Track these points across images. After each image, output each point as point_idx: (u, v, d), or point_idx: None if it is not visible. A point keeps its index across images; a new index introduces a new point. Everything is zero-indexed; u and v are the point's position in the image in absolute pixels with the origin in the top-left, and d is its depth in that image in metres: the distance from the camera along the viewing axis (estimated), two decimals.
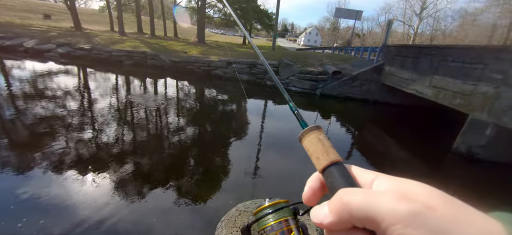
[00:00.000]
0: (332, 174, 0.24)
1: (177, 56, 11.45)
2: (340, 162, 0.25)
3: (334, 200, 0.21)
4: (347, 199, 0.20)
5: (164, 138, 4.64)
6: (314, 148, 0.26)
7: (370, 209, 0.19)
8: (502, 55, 4.59)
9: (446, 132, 5.61)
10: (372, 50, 12.25)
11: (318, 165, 0.25)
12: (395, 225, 0.17)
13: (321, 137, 0.27)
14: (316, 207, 0.23)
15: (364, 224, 0.19)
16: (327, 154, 0.25)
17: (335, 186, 0.23)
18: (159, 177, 3.39)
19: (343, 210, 0.20)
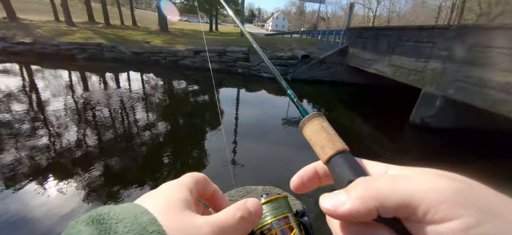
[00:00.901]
0: (340, 163, 0.22)
1: (138, 47, 10.58)
2: (347, 150, 0.23)
3: (354, 186, 0.19)
4: (375, 184, 0.18)
5: (134, 136, 4.34)
6: (317, 136, 0.24)
7: (406, 193, 0.16)
8: (447, 33, 5.13)
9: (405, 106, 6.20)
10: (337, 33, 12.77)
11: (322, 155, 0.23)
12: (438, 205, 0.15)
13: (324, 124, 0.25)
14: (328, 194, 0.20)
15: (396, 211, 0.17)
16: (332, 143, 0.23)
17: (344, 176, 0.21)
18: (133, 177, 3.19)
19: (370, 196, 0.17)
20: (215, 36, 15.82)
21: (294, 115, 6.44)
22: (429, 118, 5.46)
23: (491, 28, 4.22)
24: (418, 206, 0.16)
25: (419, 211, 0.16)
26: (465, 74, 4.67)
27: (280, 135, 5.10)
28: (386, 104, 8.07)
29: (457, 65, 4.83)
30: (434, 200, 0.15)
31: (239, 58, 10.02)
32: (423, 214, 0.15)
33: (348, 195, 0.18)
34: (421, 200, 0.16)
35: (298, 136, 5.10)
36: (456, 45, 4.85)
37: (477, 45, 4.45)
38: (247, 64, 9.94)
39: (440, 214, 0.15)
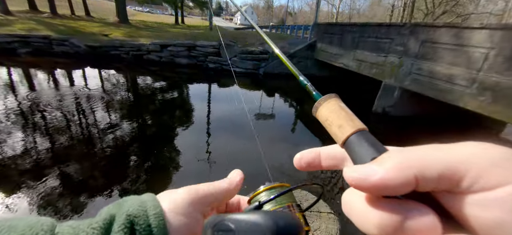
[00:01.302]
0: (361, 142, 0.20)
1: (95, 40, 9.54)
2: (367, 130, 0.21)
3: (387, 157, 0.16)
4: (414, 153, 0.16)
5: (96, 140, 3.92)
6: (335, 115, 0.23)
7: (449, 159, 0.15)
8: (402, 30, 5.65)
9: (368, 97, 6.71)
10: (305, 28, 13.18)
11: (340, 134, 0.22)
12: (489, 171, 0.13)
13: (342, 104, 0.24)
14: (352, 166, 0.18)
15: (439, 181, 0.15)
16: (352, 121, 0.22)
17: (367, 154, 0.19)
18: (97, 185, 2.89)
19: (408, 166, 0.15)
20: (181, 29, 15.06)
21: (268, 110, 6.52)
22: (389, 107, 6.01)
23: (438, 27, 4.77)
24: (465, 174, 0.14)
25: (467, 178, 0.14)
26: (418, 67, 5.22)
27: (254, 129, 5.12)
28: (352, 96, 8.65)
29: (412, 59, 5.37)
30: (483, 164, 0.14)
31: (209, 53, 9.71)
32: (470, 182, 0.14)
33: (381, 164, 0.16)
34: (468, 167, 0.14)
35: (270, 131, 5.16)
36: (410, 41, 5.38)
37: (427, 41, 5.00)
38: (218, 59, 9.70)
39: (490, 180, 0.13)
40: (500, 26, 3.78)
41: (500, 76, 3.76)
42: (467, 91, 4.26)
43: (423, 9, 17.15)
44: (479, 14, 18.19)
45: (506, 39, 3.66)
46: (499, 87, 3.78)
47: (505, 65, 3.70)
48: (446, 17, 17.36)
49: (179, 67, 9.65)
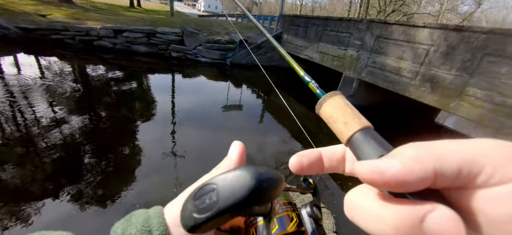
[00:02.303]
0: (367, 140, 0.19)
1: (29, 22, 8.06)
2: (373, 128, 0.21)
3: (401, 151, 0.15)
4: (430, 147, 0.15)
5: (38, 140, 3.37)
6: (340, 113, 0.22)
7: (468, 152, 0.14)
8: (360, 26, 6.08)
9: (331, 88, 7.13)
10: (271, 19, 13.24)
11: (345, 131, 0.21)
12: (505, 166, 0.13)
13: (347, 101, 0.24)
14: (366, 160, 0.16)
15: (458, 175, 0.14)
16: (358, 118, 0.21)
17: (374, 152, 0.18)
18: (43, 191, 2.51)
19: (426, 160, 0.14)
20: (138, 13, 13.69)
21: (235, 100, 6.45)
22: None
23: (390, 24, 5.25)
24: (483, 168, 0.14)
25: (484, 172, 0.14)
26: (373, 60, 5.71)
27: (221, 120, 5.03)
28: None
29: (368, 53, 5.84)
30: (501, 160, 0.13)
31: (172, 40, 9.08)
32: (487, 176, 0.14)
33: (396, 158, 0.15)
34: (486, 161, 0.14)
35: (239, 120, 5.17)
36: (367, 36, 5.83)
37: (380, 36, 5.48)
38: (182, 48, 9.14)
39: (506, 174, 0.13)
40: (438, 26, 4.33)
41: (437, 69, 4.35)
42: (412, 83, 4.84)
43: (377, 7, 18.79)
44: (421, 14, 20.73)
45: (442, 38, 4.23)
46: (436, 79, 4.38)
47: (441, 60, 4.29)
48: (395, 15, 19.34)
49: (138, 56, 8.82)
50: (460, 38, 3.97)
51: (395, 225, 0.14)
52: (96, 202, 2.50)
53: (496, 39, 3.50)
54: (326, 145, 0.26)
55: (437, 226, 0.13)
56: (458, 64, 4.01)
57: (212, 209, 0.15)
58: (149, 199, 2.60)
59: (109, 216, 2.38)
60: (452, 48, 4.10)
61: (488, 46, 3.60)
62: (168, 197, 1.83)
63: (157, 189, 2.81)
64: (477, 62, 3.75)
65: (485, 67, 3.66)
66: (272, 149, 4.30)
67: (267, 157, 3.95)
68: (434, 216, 0.13)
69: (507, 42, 3.38)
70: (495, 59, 3.53)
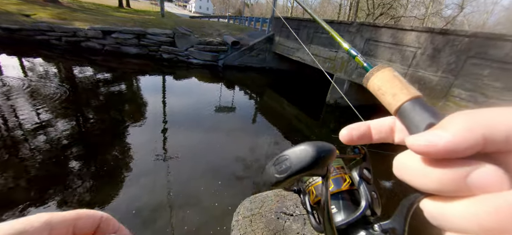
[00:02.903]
0: (416, 109, 0.20)
1: (13, 22, 7.75)
2: (423, 98, 0.21)
3: (449, 120, 0.16)
4: (479, 114, 0.15)
5: (21, 144, 3.24)
6: (389, 85, 0.23)
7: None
8: (350, 29, 6.21)
9: (322, 89, 7.24)
10: (263, 21, 13.30)
11: (394, 102, 0.22)
12: None
13: (396, 74, 0.23)
14: (414, 135, 0.17)
15: (507, 141, 0.15)
16: (407, 89, 0.22)
17: (423, 120, 0.19)
18: (26, 197, 2.41)
19: (475, 127, 0.15)
20: (128, 13, 13.43)
21: (228, 102, 6.43)
22: (340, 99, 6.61)
23: (379, 27, 5.40)
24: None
25: None
26: None
27: (214, 122, 5.00)
28: (308, 88, 9.21)
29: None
30: None
31: (163, 42, 8.96)
32: None
33: (446, 129, 0.16)
34: None
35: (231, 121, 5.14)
36: (357, 38, 5.96)
37: (370, 39, 5.61)
38: (173, 49, 9.03)
39: None
40: (425, 29, 4.49)
41: (424, 71, 4.50)
42: None
43: (365, 10, 19.26)
44: (408, 17, 21.42)
45: (429, 41, 4.38)
46: (423, 80, 4.53)
47: (428, 62, 4.44)
48: (383, 18, 19.88)
49: (128, 57, 8.65)
50: (445, 41, 4.13)
51: (440, 180, 0.15)
52: (83, 207, 2.42)
53: (479, 43, 3.66)
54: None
55: (481, 180, 0.14)
56: (444, 66, 4.17)
57: (287, 171, 0.21)
58: (141, 204, 2.55)
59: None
60: (437, 51, 4.26)
61: (471, 49, 3.76)
62: (160, 201, 1.79)
63: (149, 193, 2.75)
64: (461, 64, 3.91)
65: (468, 69, 3.82)
66: (265, 149, 4.31)
67: (259, 157, 3.95)
68: (478, 172, 0.15)
69: (489, 46, 3.54)
70: (478, 61, 3.69)
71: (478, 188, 0.15)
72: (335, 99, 6.69)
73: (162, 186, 2.89)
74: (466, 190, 0.15)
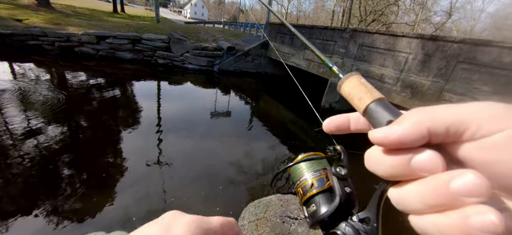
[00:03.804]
0: (378, 109, 0.23)
1: (4, 26, 7.62)
2: (385, 99, 0.24)
3: (403, 117, 0.20)
4: (426, 110, 0.19)
5: (9, 151, 3.15)
6: (356, 90, 0.26)
7: (459, 112, 0.18)
8: (343, 34, 6.34)
9: (317, 94, 7.32)
10: (259, 27, 13.45)
11: (360, 105, 0.25)
12: (490, 119, 0.16)
13: (362, 80, 0.27)
14: (375, 129, 0.21)
15: (448, 132, 0.18)
16: (370, 93, 0.25)
17: (383, 118, 0.22)
18: (15, 206, 2.34)
19: (422, 121, 0.18)
20: (122, 19, 13.39)
21: (223, 107, 6.43)
22: (335, 103, 6.69)
23: (371, 33, 5.52)
24: (470, 123, 0.17)
25: (471, 128, 0.17)
26: (357, 67, 5.95)
27: (209, 127, 4.98)
28: (305, 92, 9.28)
29: (352, 60, 6.08)
30: (486, 114, 0.17)
31: (158, 47, 8.93)
32: (474, 130, 0.17)
33: (399, 124, 0.19)
34: (473, 118, 0.17)
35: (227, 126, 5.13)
36: (350, 44, 6.08)
37: (363, 45, 5.73)
38: (169, 54, 9.02)
39: (493, 126, 0.16)
40: (416, 35, 4.62)
41: (416, 76, 4.61)
42: (393, 88, 5.09)
43: (358, 16, 19.70)
44: (399, 24, 22.01)
45: (420, 46, 4.50)
46: (415, 85, 4.64)
47: (419, 67, 4.56)
48: (375, 24, 20.36)
49: (122, 63, 8.59)
50: (435, 47, 4.26)
51: (391, 164, 0.19)
52: (74, 217, 2.36)
53: (467, 48, 3.79)
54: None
55: (419, 163, 0.18)
56: (435, 71, 4.28)
57: None
58: (132, 213, 2.50)
59: (96, 224, 2.26)
60: (428, 56, 4.38)
61: (460, 55, 3.88)
62: (153, 210, 1.78)
63: (141, 201, 2.70)
64: (451, 69, 4.02)
65: (459, 74, 3.94)
66: (260, 154, 4.31)
67: (255, 162, 3.95)
68: (418, 156, 0.18)
69: (476, 51, 3.67)
70: (467, 66, 3.81)
71: (418, 169, 0.18)
72: (330, 103, 6.77)
73: (155, 194, 2.85)
74: (412, 173, 0.18)
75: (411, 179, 0.19)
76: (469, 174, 0.16)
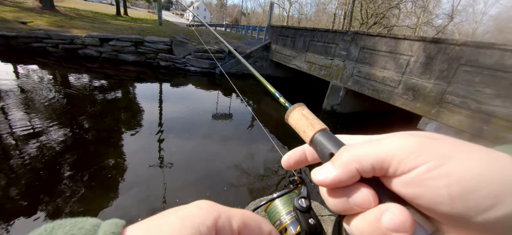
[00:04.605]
0: (320, 141, 0.25)
1: (9, 29, 7.72)
2: (326, 129, 0.26)
3: (337, 156, 0.22)
4: (353, 151, 0.21)
5: (11, 151, 3.18)
6: (300, 123, 0.28)
7: (380, 152, 0.19)
8: (345, 37, 6.36)
9: (319, 96, 7.32)
10: (260, 29, 13.51)
11: (306, 138, 0.27)
12: (406, 157, 0.18)
13: (304, 112, 0.28)
14: (318, 168, 0.22)
15: (375, 169, 0.19)
16: (312, 126, 0.26)
17: (326, 151, 0.24)
18: (16, 206, 2.35)
19: (350, 162, 0.20)
20: (125, 22, 13.51)
21: (225, 109, 6.45)
22: (336, 105, 6.69)
23: (373, 35, 5.54)
24: (391, 162, 0.19)
25: (392, 166, 0.19)
26: (358, 70, 5.96)
27: (210, 129, 4.99)
28: (304, 95, 9.30)
29: (353, 63, 6.09)
30: (403, 153, 0.18)
31: (160, 49, 9.00)
32: (395, 167, 0.18)
33: (334, 165, 0.21)
34: (392, 157, 0.19)
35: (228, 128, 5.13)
36: (352, 47, 6.10)
37: (365, 47, 5.74)
38: (171, 57, 9.08)
39: (409, 164, 0.18)
40: (417, 38, 4.62)
41: (418, 79, 4.60)
42: (395, 91, 5.08)
43: (359, 19, 19.75)
44: (400, 27, 22.01)
45: (421, 49, 4.50)
46: (417, 87, 4.63)
47: (421, 70, 4.56)
48: (377, 27, 20.38)
49: (125, 65, 8.65)
50: (437, 50, 4.26)
51: (334, 204, 0.22)
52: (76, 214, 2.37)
53: (469, 51, 3.78)
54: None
55: (356, 200, 0.20)
56: (437, 73, 4.28)
57: None
58: (134, 215, 2.51)
59: None
60: (430, 59, 4.38)
61: (462, 57, 3.88)
62: (157, 210, 1.79)
63: (142, 203, 2.70)
64: (453, 71, 4.02)
65: (461, 76, 3.93)
66: (262, 157, 4.30)
67: (257, 165, 3.95)
68: (354, 195, 0.20)
69: (479, 54, 3.66)
70: (470, 69, 3.80)
71: (355, 205, 0.20)
72: (332, 105, 6.77)
73: (156, 196, 2.85)
74: (351, 209, 0.20)
75: (355, 213, 0.20)
76: (394, 210, 0.17)
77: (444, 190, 0.17)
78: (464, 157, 0.17)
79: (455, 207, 0.16)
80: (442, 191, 0.17)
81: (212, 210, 0.19)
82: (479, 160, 0.17)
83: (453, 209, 0.17)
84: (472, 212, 0.16)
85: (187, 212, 0.18)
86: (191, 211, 0.18)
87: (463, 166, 0.17)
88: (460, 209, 0.16)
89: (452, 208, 0.17)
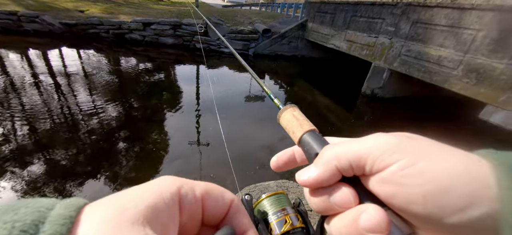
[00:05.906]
0: (308, 142, 0.25)
1: (70, 17, 8.78)
2: (314, 130, 0.26)
3: (319, 157, 0.22)
4: (333, 149, 0.21)
5: (79, 124, 3.73)
6: (290, 124, 0.28)
7: (357, 150, 0.19)
8: (394, 10, 5.58)
9: (358, 79, 6.75)
10: (297, 6, 12.76)
11: (294, 138, 0.27)
12: (381, 155, 0.18)
13: (295, 113, 0.29)
14: (302, 169, 0.23)
15: (353, 167, 0.20)
16: (301, 126, 0.26)
17: (312, 151, 0.24)
18: (84, 171, 2.80)
19: (330, 160, 0.20)
20: (165, 5, 14.14)
21: (258, 91, 6.44)
22: (378, 89, 6.09)
23: (431, 6, 4.73)
24: (367, 160, 0.19)
25: (368, 163, 0.19)
26: (408, 48, 5.24)
27: (243, 110, 5.06)
28: (341, 77, 8.68)
29: (402, 40, 5.37)
30: (378, 151, 0.19)
31: (196, 32, 9.25)
32: (371, 165, 0.19)
33: (316, 165, 0.21)
34: (368, 154, 0.19)
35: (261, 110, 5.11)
36: (402, 21, 5.34)
37: (418, 22, 4.97)
38: (206, 39, 9.28)
39: (383, 162, 0.18)
40: (491, 7, 3.79)
41: (486, 58, 3.84)
42: (453, 73, 4.36)
43: None
44: None
45: (495, 21, 3.70)
46: (483, 69, 3.88)
47: (491, 47, 3.77)
48: None
49: (164, 48, 9.18)
50: None
51: (316, 204, 0.22)
52: (128, 183, 2.71)
53: None
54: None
55: (337, 200, 0.20)
56: None
57: None
58: None
59: None
60: (506, 33, 3.57)
61: None
62: None
63: (182, 174, 2.92)
64: None
65: None
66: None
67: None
68: (335, 195, 0.20)
69: None
70: None
71: (336, 205, 0.20)
72: (372, 89, 6.19)
73: (193, 167, 3.10)
74: (333, 209, 0.20)
75: (336, 213, 0.20)
76: (371, 210, 0.18)
77: (417, 189, 0.17)
78: (440, 156, 0.17)
79: (428, 207, 0.16)
80: (415, 189, 0.17)
81: (175, 181, 0.19)
82: (456, 161, 0.17)
83: (426, 209, 0.16)
84: (445, 213, 0.16)
85: (151, 183, 0.18)
86: (155, 182, 0.18)
87: (439, 165, 0.17)
88: (432, 210, 0.16)
89: (424, 208, 0.16)
